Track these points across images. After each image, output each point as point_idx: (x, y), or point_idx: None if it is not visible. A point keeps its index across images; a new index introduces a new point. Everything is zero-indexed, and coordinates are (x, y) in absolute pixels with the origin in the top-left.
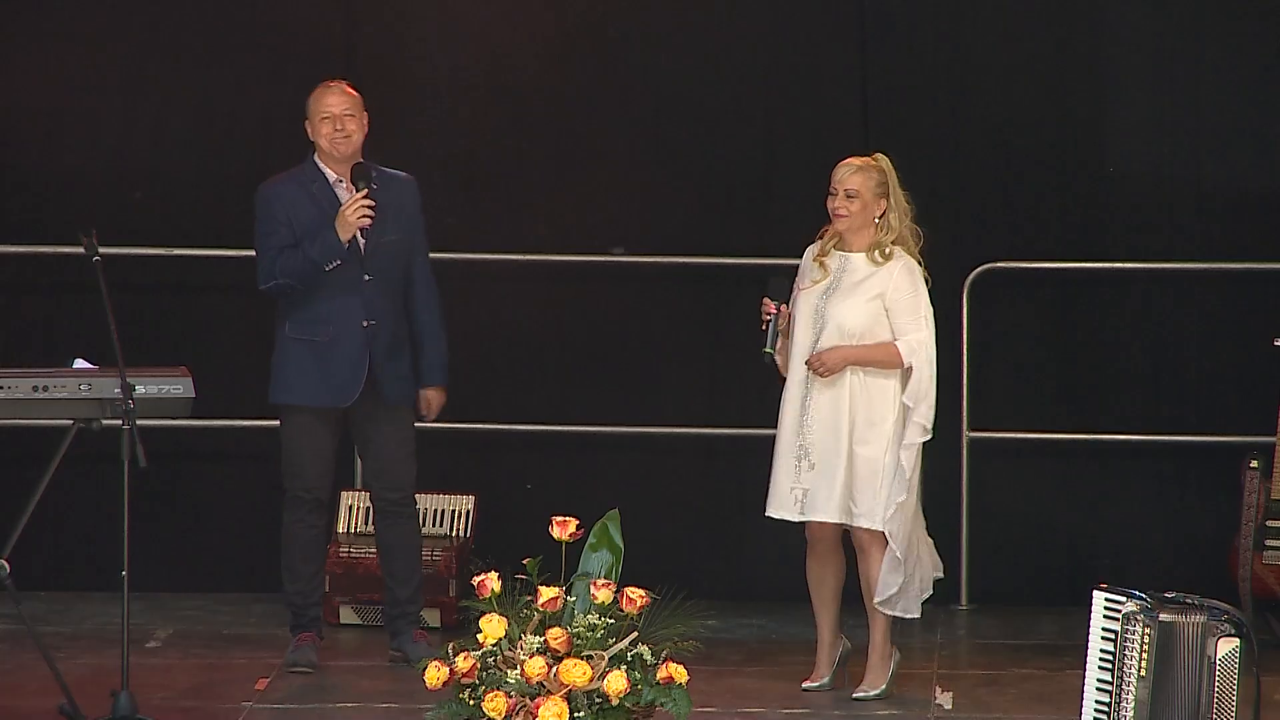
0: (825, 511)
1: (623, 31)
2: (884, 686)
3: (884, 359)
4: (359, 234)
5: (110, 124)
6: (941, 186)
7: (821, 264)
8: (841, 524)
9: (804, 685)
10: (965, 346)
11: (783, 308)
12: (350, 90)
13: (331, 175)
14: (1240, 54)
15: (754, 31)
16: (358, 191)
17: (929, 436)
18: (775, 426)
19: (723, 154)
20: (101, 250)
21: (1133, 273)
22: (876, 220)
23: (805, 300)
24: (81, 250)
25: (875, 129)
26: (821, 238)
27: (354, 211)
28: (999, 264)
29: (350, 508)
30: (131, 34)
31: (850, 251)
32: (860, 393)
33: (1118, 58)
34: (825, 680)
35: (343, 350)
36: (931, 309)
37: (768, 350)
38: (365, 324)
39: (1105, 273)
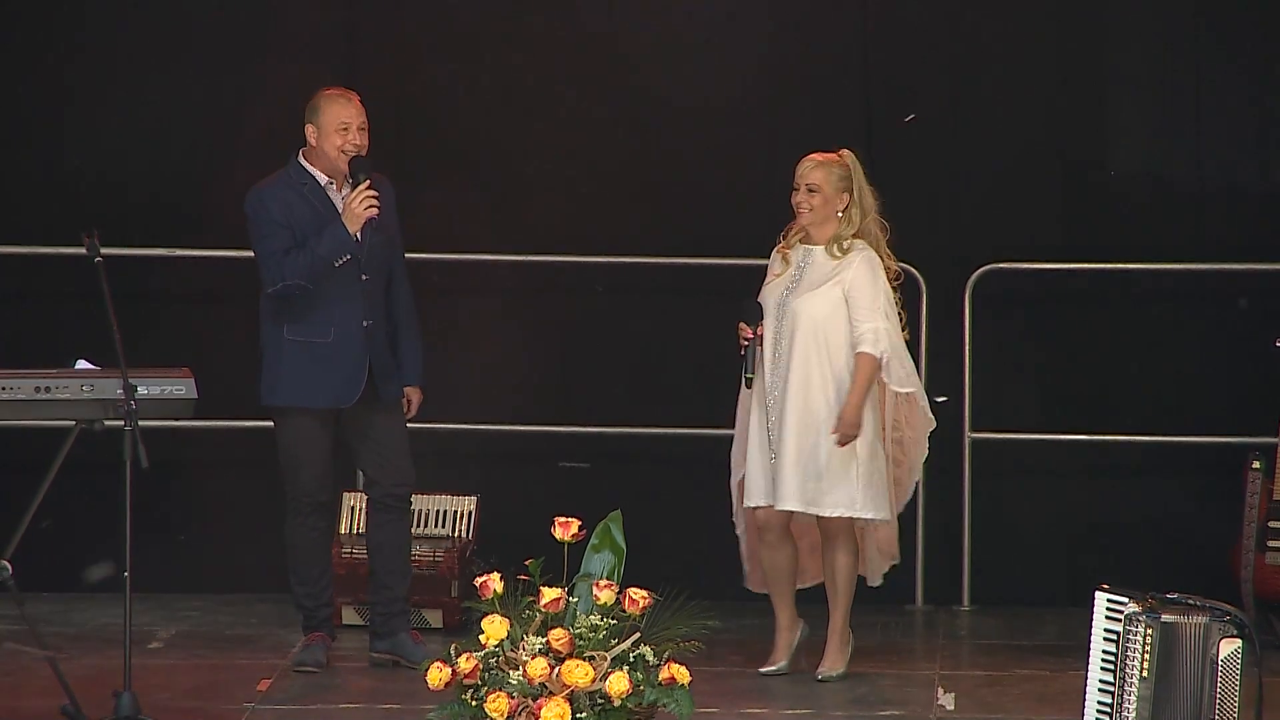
0: (788, 500)
1: (624, 32)
2: (844, 668)
3: (872, 373)
4: (358, 233)
5: (112, 126)
6: (943, 188)
7: (784, 257)
8: (792, 512)
9: (761, 670)
10: (967, 347)
11: (759, 330)
12: (359, 102)
13: (322, 178)
14: (1241, 55)
15: (756, 33)
16: (355, 185)
17: (933, 424)
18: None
19: (725, 155)
20: (103, 251)
21: (1134, 274)
22: (839, 214)
23: (770, 294)
24: (83, 251)
25: (877, 130)
26: (786, 235)
27: (361, 203)
28: (1001, 265)
29: (352, 509)
30: (134, 36)
31: (814, 245)
32: (832, 386)
33: (1119, 59)
34: (783, 664)
35: (345, 351)
36: (892, 299)
37: (749, 375)
38: (365, 324)
39: (1106, 274)
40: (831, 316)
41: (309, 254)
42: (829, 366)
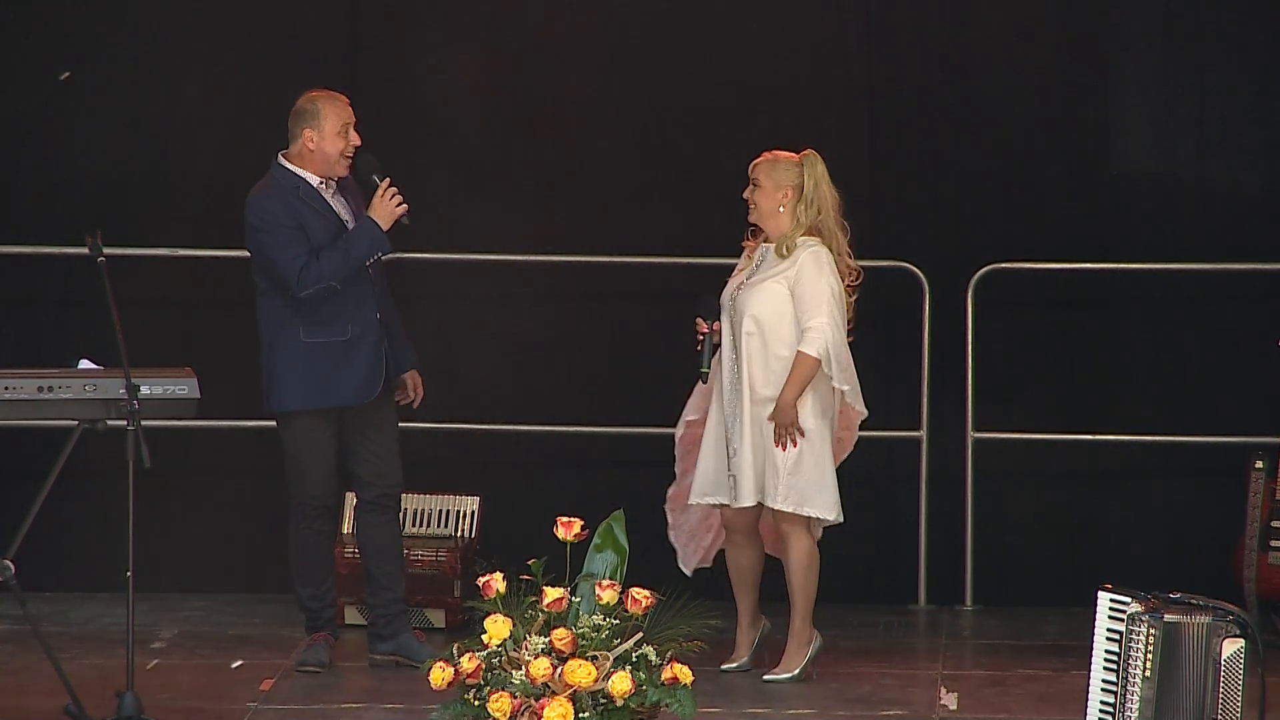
0: (749, 496)
1: (626, 33)
2: (797, 671)
3: (808, 372)
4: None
5: (115, 126)
6: (946, 188)
7: (748, 255)
8: (757, 511)
9: (723, 667)
10: (970, 347)
11: (715, 325)
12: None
13: (314, 179)
14: (1242, 56)
15: (758, 34)
16: (364, 183)
17: (865, 414)
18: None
19: (727, 156)
20: (106, 251)
21: (1136, 274)
22: (782, 209)
23: (727, 291)
24: (86, 251)
25: (880, 130)
26: (756, 233)
27: (392, 200)
28: (1003, 265)
29: (355, 508)
30: (134, 36)
31: (770, 243)
32: (773, 381)
33: (1122, 60)
34: (744, 661)
35: (364, 346)
36: (838, 295)
37: (704, 369)
38: (377, 316)
39: (1109, 274)
40: (775, 312)
41: (342, 255)
42: (771, 361)
